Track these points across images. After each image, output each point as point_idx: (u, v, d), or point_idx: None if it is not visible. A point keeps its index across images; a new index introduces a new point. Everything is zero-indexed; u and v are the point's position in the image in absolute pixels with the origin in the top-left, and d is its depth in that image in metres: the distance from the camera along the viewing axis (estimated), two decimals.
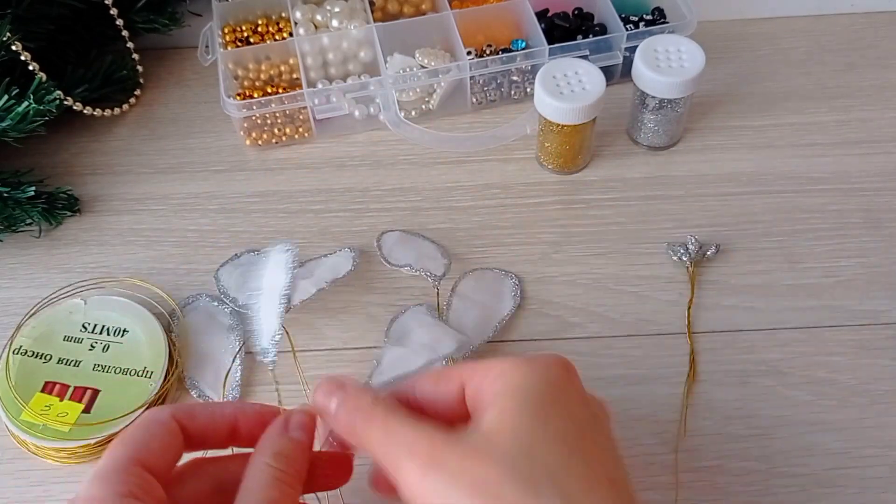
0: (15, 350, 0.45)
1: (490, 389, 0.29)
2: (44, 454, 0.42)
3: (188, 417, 0.31)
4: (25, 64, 0.50)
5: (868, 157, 0.53)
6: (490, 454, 0.26)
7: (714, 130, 0.55)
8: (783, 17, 0.62)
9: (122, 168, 0.56)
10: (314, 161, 0.56)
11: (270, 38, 0.58)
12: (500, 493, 0.25)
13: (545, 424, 0.27)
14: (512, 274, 0.46)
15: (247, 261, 0.49)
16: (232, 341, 0.46)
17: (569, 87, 0.49)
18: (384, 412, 0.29)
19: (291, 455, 0.30)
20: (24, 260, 0.51)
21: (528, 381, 0.29)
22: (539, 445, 0.27)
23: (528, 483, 0.26)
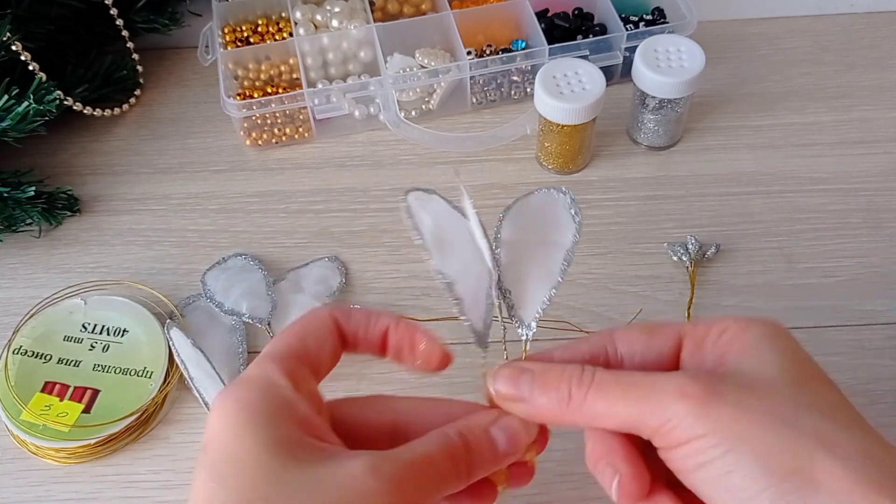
0: (15, 350, 0.45)
1: (723, 347, 0.27)
2: (43, 454, 0.42)
3: (344, 318, 0.30)
4: (25, 64, 0.50)
5: (868, 157, 0.53)
6: (771, 389, 0.25)
7: (714, 130, 0.55)
8: (783, 17, 0.62)
9: (122, 168, 0.56)
10: (314, 161, 0.56)
11: (270, 38, 0.58)
12: (796, 420, 0.24)
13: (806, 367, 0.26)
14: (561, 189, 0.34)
15: (234, 265, 0.49)
16: (233, 341, 0.46)
17: (569, 87, 0.49)
18: (612, 373, 0.27)
19: (477, 448, 0.27)
20: (24, 260, 0.51)
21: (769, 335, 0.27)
22: (812, 383, 0.26)
23: (821, 410, 0.24)
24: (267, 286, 0.47)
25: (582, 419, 0.27)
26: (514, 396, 0.28)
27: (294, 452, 0.25)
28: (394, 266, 0.49)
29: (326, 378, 0.30)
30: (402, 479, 0.25)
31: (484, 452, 0.28)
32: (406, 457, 0.26)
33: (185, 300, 0.48)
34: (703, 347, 0.27)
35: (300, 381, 0.27)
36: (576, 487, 0.40)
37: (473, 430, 0.28)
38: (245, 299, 0.46)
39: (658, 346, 0.28)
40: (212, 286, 0.47)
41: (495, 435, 0.28)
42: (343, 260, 0.49)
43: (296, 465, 0.24)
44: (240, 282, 0.47)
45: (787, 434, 0.24)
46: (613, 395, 0.26)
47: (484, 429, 0.28)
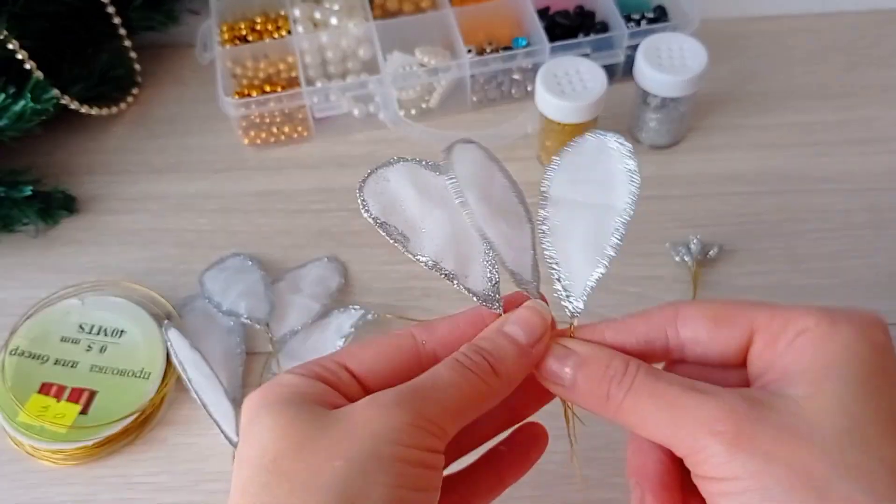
0: (11, 351, 0.44)
1: (794, 354, 0.24)
2: (41, 456, 0.42)
3: (427, 332, 0.28)
4: (22, 62, 0.50)
5: (872, 157, 0.53)
6: (811, 439, 0.22)
7: (717, 129, 0.55)
8: (786, 16, 0.62)
9: (119, 167, 0.55)
10: (313, 160, 0.55)
11: (269, 36, 0.57)
12: (827, 485, 0.21)
13: (872, 405, 0.23)
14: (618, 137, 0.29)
15: (232, 265, 0.48)
16: (231, 342, 0.45)
17: (570, 85, 0.49)
18: (652, 379, 0.25)
19: (488, 347, 0.26)
20: (21, 260, 0.51)
21: (848, 352, 0.23)
22: (869, 430, 0.22)
23: (860, 476, 0.22)
24: (265, 286, 0.47)
25: (619, 421, 0.26)
26: (556, 379, 0.27)
27: (303, 412, 0.24)
28: (393, 266, 0.49)
29: None
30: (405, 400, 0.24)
31: (507, 351, 0.26)
32: (411, 383, 0.25)
33: (183, 300, 0.47)
34: (775, 348, 0.25)
35: (335, 381, 0.26)
36: (577, 489, 0.40)
37: (487, 335, 0.27)
38: (243, 300, 0.46)
39: (725, 337, 0.26)
40: (210, 286, 0.47)
41: (510, 330, 0.27)
42: (342, 260, 0.49)
43: (303, 421, 0.24)
44: (238, 282, 0.47)
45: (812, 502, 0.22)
46: (647, 408, 0.25)
47: (497, 330, 0.27)
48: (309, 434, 0.23)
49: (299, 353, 0.45)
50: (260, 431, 0.24)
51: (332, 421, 0.24)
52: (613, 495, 0.40)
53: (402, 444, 0.23)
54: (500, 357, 0.26)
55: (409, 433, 0.23)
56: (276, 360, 0.44)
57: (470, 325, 0.28)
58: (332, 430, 0.23)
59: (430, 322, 0.28)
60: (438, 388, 0.25)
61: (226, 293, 0.46)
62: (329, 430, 0.23)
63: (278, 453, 0.23)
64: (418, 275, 0.48)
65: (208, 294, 0.46)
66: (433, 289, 0.48)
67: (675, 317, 0.27)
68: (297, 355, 0.45)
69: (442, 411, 0.24)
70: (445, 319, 0.29)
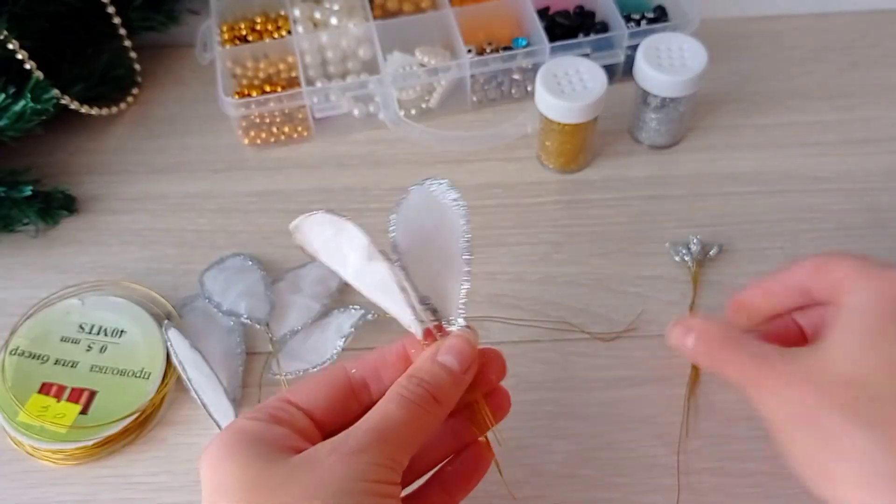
0: (12, 351, 0.44)
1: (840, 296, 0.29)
2: (41, 456, 0.42)
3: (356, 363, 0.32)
4: (22, 62, 0.50)
5: (872, 157, 0.53)
6: (811, 378, 0.28)
7: (716, 129, 0.55)
8: (786, 16, 0.62)
9: (120, 167, 0.55)
10: (313, 160, 0.55)
11: (269, 36, 0.58)
12: (817, 418, 0.26)
13: (883, 349, 0.27)
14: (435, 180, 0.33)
15: (232, 265, 0.48)
16: (231, 342, 0.45)
17: (570, 85, 0.49)
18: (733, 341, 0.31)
19: (427, 378, 0.30)
20: (21, 260, 0.51)
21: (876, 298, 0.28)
22: (873, 372, 0.27)
23: (848, 410, 0.26)
24: (265, 286, 0.47)
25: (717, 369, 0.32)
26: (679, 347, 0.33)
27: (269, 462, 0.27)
28: None
29: None
30: (366, 445, 0.27)
31: (443, 380, 0.30)
32: (365, 425, 0.28)
33: (183, 300, 0.47)
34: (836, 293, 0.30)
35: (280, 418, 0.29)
36: (578, 489, 0.40)
37: (422, 367, 0.30)
38: (243, 300, 0.46)
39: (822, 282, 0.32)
40: (210, 286, 0.47)
41: (444, 360, 0.30)
42: None
43: (269, 470, 0.26)
44: (238, 282, 0.47)
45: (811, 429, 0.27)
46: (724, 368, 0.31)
47: (431, 361, 0.30)
48: (279, 480, 0.26)
49: (299, 353, 0.45)
50: (228, 482, 0.27)
51: (299, 467, 0.27)
52: (614, 495, 0.40)
53: (367, 481, 0.26)
54: (439, 386, 0.30)
55: (372, 472, 0.27)
56: (276, 360, 0.44)
57: (395, 355, 0.32)
58: (301, 475, 0.26)
59: (362, 354, 0.33)
60: (391, 429, 0.28)
61: (226, 293, 0.46)
62: (298, 476, 0.26)
63: (253, 501, 0.26)
64: None
65: (208, 294, 0.46)
66: None
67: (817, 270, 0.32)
68: (297, 355, 0.45)
69: (396, 449, 0.28)
70: (373, 351, 0.33)
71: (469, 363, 0.31)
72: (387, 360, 0.32)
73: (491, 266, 0.48)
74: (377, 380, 0.32)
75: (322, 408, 0.30)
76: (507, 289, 0.47)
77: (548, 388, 0.43)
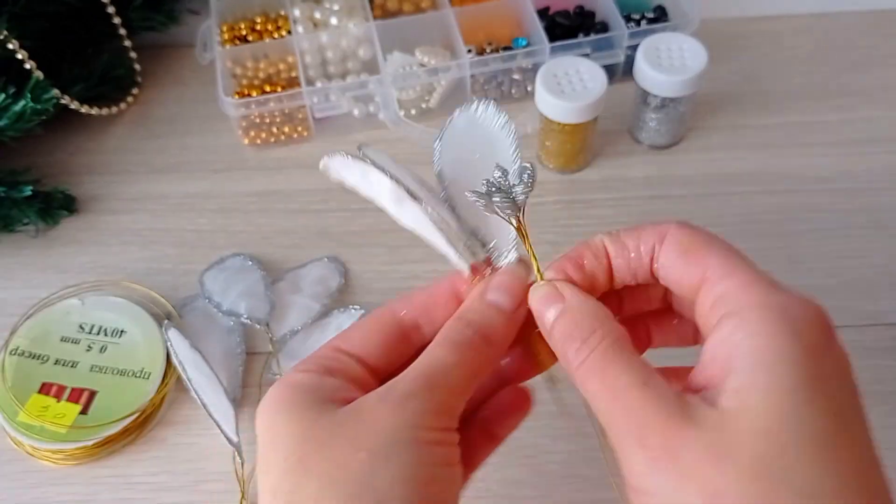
0: (12, 351, 0.44)
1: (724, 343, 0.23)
2: (41, 456, 0.42)
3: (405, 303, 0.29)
4: (22, 62, 0.50)
5: (872, 157, 0.53)
6: (730, 457, 0.21)
7: (716, 129, 0.55)
8: (786, 16, 0.62)
9: (120, 167, 0.55)
10: (313, 160, 0.54)
11: (269, 36, 0.57)
12: None
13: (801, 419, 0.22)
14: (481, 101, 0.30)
15: (232, 265, 0.48)
16: (231, 342, 0.45)
17: (570, 85, 0.49)
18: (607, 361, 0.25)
19: (477, 318, 0.27)
20: (21, 260, 0.50)
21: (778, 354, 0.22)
22: (790, 452, 0.21)
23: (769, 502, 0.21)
24: (265, 286, 0.47)
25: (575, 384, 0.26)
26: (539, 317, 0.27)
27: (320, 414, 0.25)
28: (393, 266, 0.49)
29: None
30: (414, 392, 0.25)
31: (495, 319, 0.28)
32: (413, 372, 0.26)
33: (183, 300, 0.47)
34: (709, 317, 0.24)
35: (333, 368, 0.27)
36: (579, 489, 0.40)
37: (471, 307, 0.28)
38: (243, 300, 0.46)
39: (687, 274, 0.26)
40: (210, 286, 0.47)
41: (494, 298, 0.28)
42: (342, 260, 0.49)
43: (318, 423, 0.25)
44: (238, 282, 0.47)
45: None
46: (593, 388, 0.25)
47: (479, 299, 0.28)
48: (329, 432, 0.25)
49: (299, 353, 0.45)
50: (280, 436, 0.25)
51: (348, 418, 0.25)
52: (613, 495, 0.40)
53: (420, 428, 0.24)
54: (490, 326, 0.27)
55: (423, 419, 0.25)
56: (276, 360, 0.44)
57: (445, 293, 0.30)
58: (350, 426, 0.25)
59: (408, 293, 0.30)
60: (442, 373, 0.26)
61: (226, 293, 0.46)
62: (347, 427, 0.25)
63: (303, 454, 0.24)
64: (418, 275, 0.48)
65: (208, 294, 0.46)
66: None
67: (664, 236, 0.27)
68: (297, 355, 0.45)
69: (448, 394, 0.26)
70: (422, 289, 0.30)
71: (520, 300, 0.28)
72: (437, 299, 0.29)
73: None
74: (429, 321, 0.29)
75: (375, 354, 0.28)
76: None
77: (548, 387, 0.43)
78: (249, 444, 0.42)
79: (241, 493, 0.40)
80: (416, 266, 0.49)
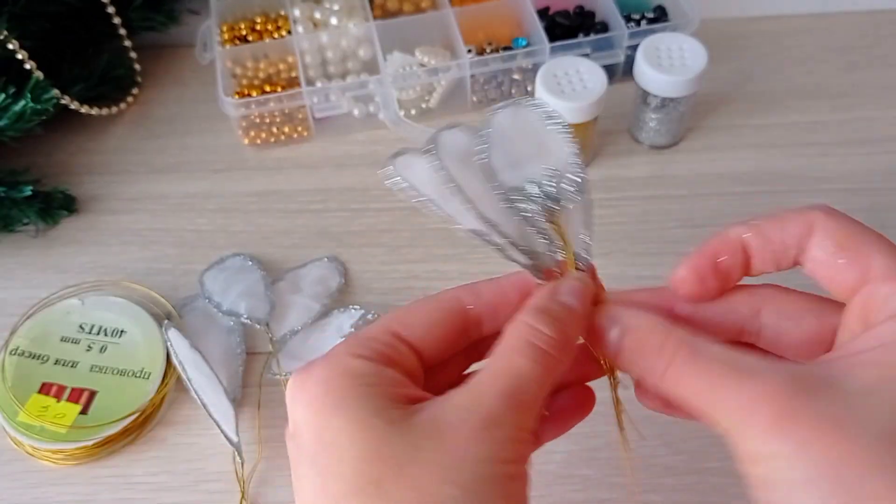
0: (12, 351, 0.44)
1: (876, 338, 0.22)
2: (41, 456, 0.42)
3: (474, 295, 0.27)
4: (22, 62, 0.50)
5: (871, 157, 0.53)
6: (857, 429, 0.20)
7: (716, 129, 0.55)
8: (786, 16, 0.62)
9: (120, 167, 0.55)
10: (313, 160, 0.55)
11: (269, 36, 0.58)
12: (860, 483, 0.20)
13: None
14: (525, 100, 0.29)
15: (232, 265, 0.48)
16: (231, 342, 0.45)
17: (570, 85, 0.49)
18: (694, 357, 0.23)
19: (558, 317, 0.25)
20: (21, 260, 0.51)
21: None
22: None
23: None
24: (265, 286, 0.47)
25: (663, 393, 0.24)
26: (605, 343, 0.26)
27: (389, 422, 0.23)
28: (393, 266, 0.49)
29: None
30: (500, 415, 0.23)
31: (567, 319, 0.25)
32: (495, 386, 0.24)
33: (183, 300, 0.47)
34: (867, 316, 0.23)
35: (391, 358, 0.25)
36: (578, 489, 0.40)
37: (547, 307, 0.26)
38: (243, 300, 0.46)
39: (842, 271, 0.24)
40: (210, 286, 0.47)
41: (568, 300, 0.26)
42: (342, 260, 0.49)
43: (391, 436, 0.23)
44: (238, 282, 0.47)
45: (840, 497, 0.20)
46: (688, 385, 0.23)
47: (554, 301, 0.26)
48: (407, 453, 0.22)
49: (299, 353, 0.45)
50: (344, 444, 0.23)
51: (427, 438, 0.23)
52: (613, 495, 0.40)
53: (507, 463, 0.23)
54: (570, 328, 0.25)
55: (507, 450, 0.23)
56: (277, 359, 0.44)
57: (516, 291, 0.28)
58: (432, 449, 0.22)
59: (475, 285, 0.28)
60: (525, 390, 0.24)
61: (226, 293, 0.46)
62: (428, 451, 0.22)
63: (380, 477, 0.22)
64: (418, 275, 0.48)
65: (208, 294, 0.46)
66: (433, 288, 0.47)
67: (812, 227, 0.25)
68: (297, 355, 0.45)
69: (531, 415, 0.24)
70: (490, 283, 0.28)
71: (587, 306, 0.26)
72: (507, 296, 0.27)
73: (491, 266, 0.48)
74: (493, 317, 0.27)
75: (433, 346, 0.26)
76: None
77: None
78: (249, 444, 0.42)
79: (241, 493, 0.40)
80: (416, 266, 0.49)
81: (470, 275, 0.48)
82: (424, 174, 0.27)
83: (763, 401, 0.21)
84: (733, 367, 0.23)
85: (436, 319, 0.26)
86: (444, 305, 0.27)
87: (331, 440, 0.23)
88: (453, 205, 0.27)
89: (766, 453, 0.21)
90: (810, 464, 0.20)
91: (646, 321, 0.25)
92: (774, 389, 0.22)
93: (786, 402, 0.21)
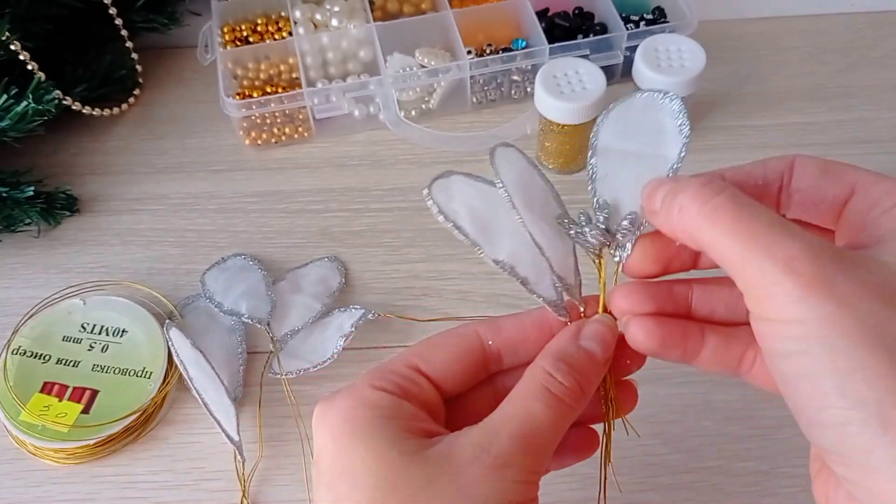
0: (14, 350, 0.45)
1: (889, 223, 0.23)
2: (42, 455, 0.42)
3: (493, 332, 0.28)
4: (24, 63, 0.50)
5: (869, 158, 0.53)
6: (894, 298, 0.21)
7: (715, 130, 0.55)
8: (784, 17, 0.62)
9: (121, 168, 0.56)
10: (314, 161, 0.55)
11: (270, 38, 0.58)
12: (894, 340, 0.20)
13: None
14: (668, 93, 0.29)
15: (233, 265, 0.48)
16: (233, 342, 0.45)
17: (569, 86, 0.49)
18: (738, 203, 0.22)
19: (576, 365, 0.26)
20: (23, 260, 0.51)
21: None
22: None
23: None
24: (266, 286, 0.47)
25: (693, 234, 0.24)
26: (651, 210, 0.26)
27: (405, 454, 0.24)
28: (393, 266, 0.49)
29: None
30: (510, 457, 0.24)
31: (586, 367, 0.26)
32: (507, 428, 0.24)
33: (185, 300, 0.48)
34: (870, 212, 0.24)
35: (410, 392, 0.26)
36: (578, 488, 0.40)
37: (569, 352, 0.26)
38: (244, 299, 0.46)
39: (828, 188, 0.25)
40: (211, 286, 0.47)
41: (589, 346, 0.26)
42: (343, 260, 0.49)
43: (406, 467, 0.24)
44: (239, 282, 0.47)
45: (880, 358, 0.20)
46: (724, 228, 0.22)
47: (576, 346, 0.26)
48: (419, 487, 0.23)
49: (300, 353, 0.45)
50: (360, 471, 0.24)
51: (440, 472, 0.23)
52: (612, 494, 0.40)
53: (508, 502, 0.24)
54: (588, 376, 0.26)
55: (518, 491, 0.24)
56: (278, 359, 0.45)
57: (536, 328, 0.28)
58: (444, 485, 0.23)
59: (496, 321, 0.28)
60: (538, 434, 0.24)
61: (227, 293, 0.46)
62: (440, 486, 0.23)
63: None
64: (418, 274, 0.49)
65: (210, 294, 0.47)
66: (433, 288, 0.48)
67: (792, 164, 0.26)
68: (298, 354, 0.45)
69: (541, 459, 0.25)
70: (510, 319, 0.28)
71: (610, 352, 0.27)
72: (527, 333, 0.28)
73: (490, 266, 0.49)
74: (513, 353, 0.28)
75: (453, 380, 0.27)
76: (507, 289, 0.48)
77: None
78: (250, 443, 0.42)
79: (242, 492, 0.40)
80: (416, 266, 0.49)
81: (470, 275, 0.49)
82: (463, 195, 0.27)
83: (805, 259, 0.21)
84: (777, 223, 0.22)
85: (456, 354, 0.27)
86: (464, 341, 0.28)
87: (347, 467, 0.24)
88: (489, 230, 0.27)
89: (797, 311, 0.21)
90: (847, 325, 0.20)
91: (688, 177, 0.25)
92: (816, 252, 0.21)
93: (828, 262, 0.21)
